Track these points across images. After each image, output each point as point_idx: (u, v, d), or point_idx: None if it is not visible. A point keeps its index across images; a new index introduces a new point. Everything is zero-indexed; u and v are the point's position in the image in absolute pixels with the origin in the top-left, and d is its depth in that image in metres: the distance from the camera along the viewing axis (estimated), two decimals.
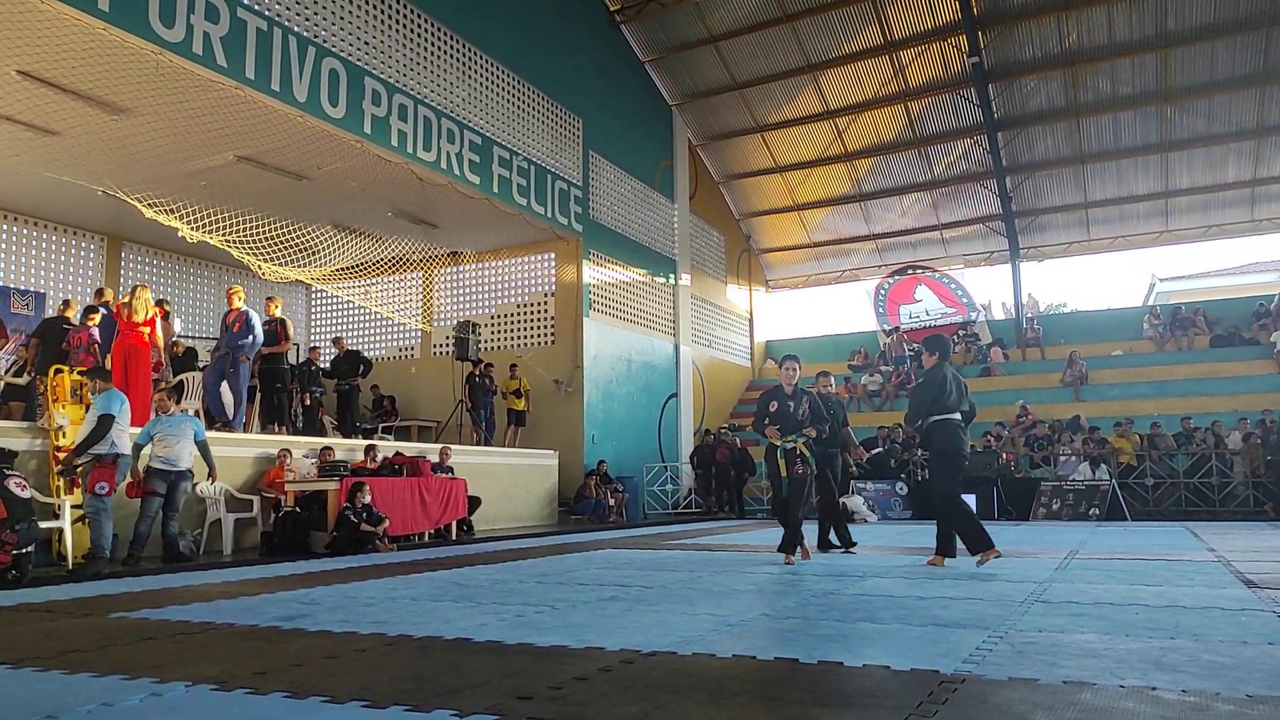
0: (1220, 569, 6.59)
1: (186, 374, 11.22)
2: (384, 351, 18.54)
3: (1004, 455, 16.37)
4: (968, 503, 6.92)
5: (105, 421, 7.18)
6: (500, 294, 17.62)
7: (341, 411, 13.65)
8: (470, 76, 13.82)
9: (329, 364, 13.95)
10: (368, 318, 18.58)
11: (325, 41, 11.12)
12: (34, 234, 14.27)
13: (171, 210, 11.10)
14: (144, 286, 9.76)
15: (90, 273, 14.99)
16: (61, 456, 7.52)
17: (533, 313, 17.18)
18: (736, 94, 20.34)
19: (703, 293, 21.58)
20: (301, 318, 19.24)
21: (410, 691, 2.90)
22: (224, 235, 11.63)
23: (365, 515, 8.96)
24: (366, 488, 9.10)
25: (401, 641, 3.86)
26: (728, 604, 4.93)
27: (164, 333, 10.03)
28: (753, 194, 23.43)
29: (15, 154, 11.47)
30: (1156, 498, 15.23)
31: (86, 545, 7.29)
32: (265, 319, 11.03)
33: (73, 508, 7.45)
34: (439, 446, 12.11)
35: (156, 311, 9.75)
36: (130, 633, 4.20)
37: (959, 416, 6.83)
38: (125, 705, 2.80)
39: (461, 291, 17.96)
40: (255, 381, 11.05)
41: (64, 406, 7.89)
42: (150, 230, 13.59)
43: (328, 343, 16.60)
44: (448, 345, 16.27)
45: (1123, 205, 21.15)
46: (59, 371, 8.14)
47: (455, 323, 15.82)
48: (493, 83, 14.34)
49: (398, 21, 12.44)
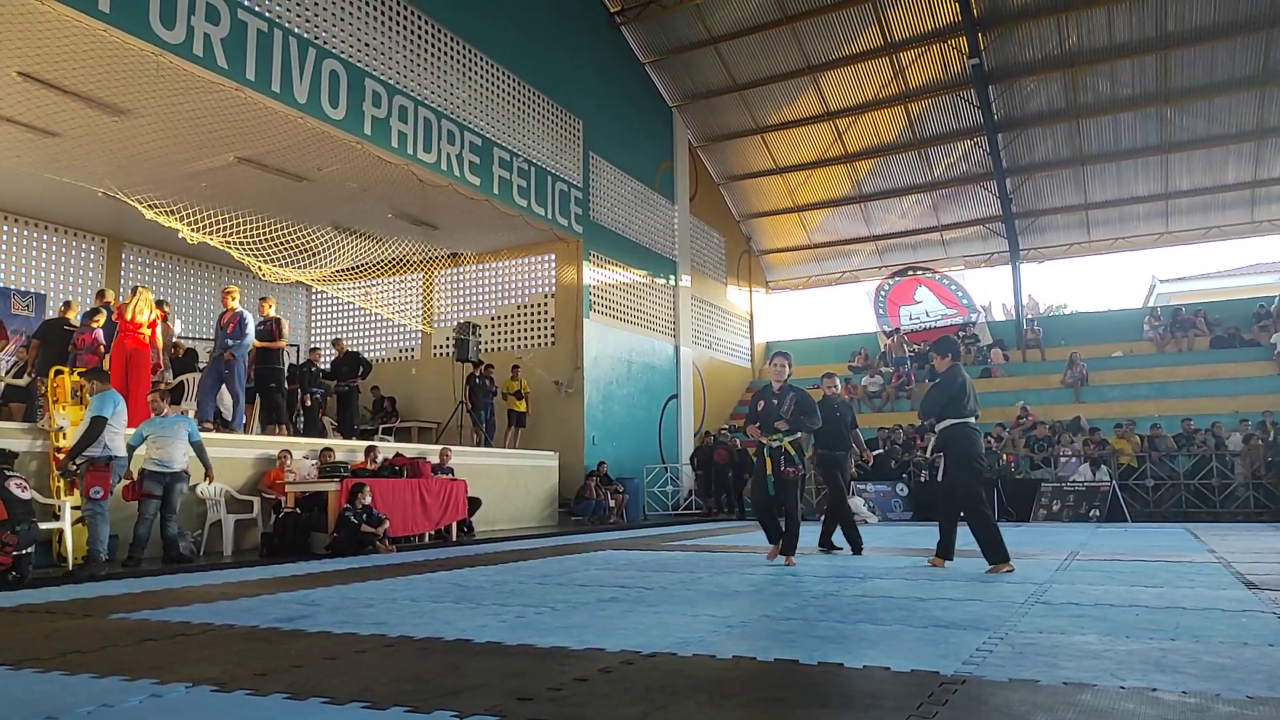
0: (1221, 570, 6.59)
1: (186, 375, 11.23)
2: (384, 353, 18.54)
3: (1004, 456, 16.37)
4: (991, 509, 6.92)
5: (97, 423, 7.16)
6: (500, 295, 17.62)
7: (341, 413, 13.67)
8: (470, 78, 13.82)
9: (329, 365, 13.97)
10: (368, 319, 18.57)
11: (325, 43, 11.13)
12: (34, 235, 14.28)
13: (172, 211, 11.10)
14: (144, 288, 9.77)
15: (90, 274, 14.99)
16: (61, 458, 7.52)
17: (533, 314, 17.18)
18: (737, 95, 20.35)
19: (703, 294, 21.58)
20: (302, 319, 19.24)
21: (411, 692, 2.90)
22: (224, 236, 11.63)
23: (366, 516, 8.97)
24: (367, 489, 9.10)
25: (402, 642, 3.86)
26: (728, 605, 4.92)
27: (163, 334, 10.03)
28: (753, 195, 23.43)
29: (16, 155, 11.49)
30: (1157, 499, 15.22)
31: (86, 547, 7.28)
32: (260, 320, 11.02)
33: (73, 509, 7.43)
34: (439, 448, 12.11)
35: (158, 313, 9.75)
36: (130, 634, 4.20)
37: (975, 420, 6.85)
38: (125, 706, 2.80)
39: (462, 293, 17.96)
40: (252, 384, 11.04)
41: (64, 407, 7.89)
42: (150, 231, 13.61)
43: (328, 344, 16.61)
44: (448, 346, 16.27)
45: (1123, 206, 21.16)
46: (59, 373, 8.14)
47: (455, 324, 15.83)
48: (493, 84, 14.35)
49: (398, 23, 12.44)
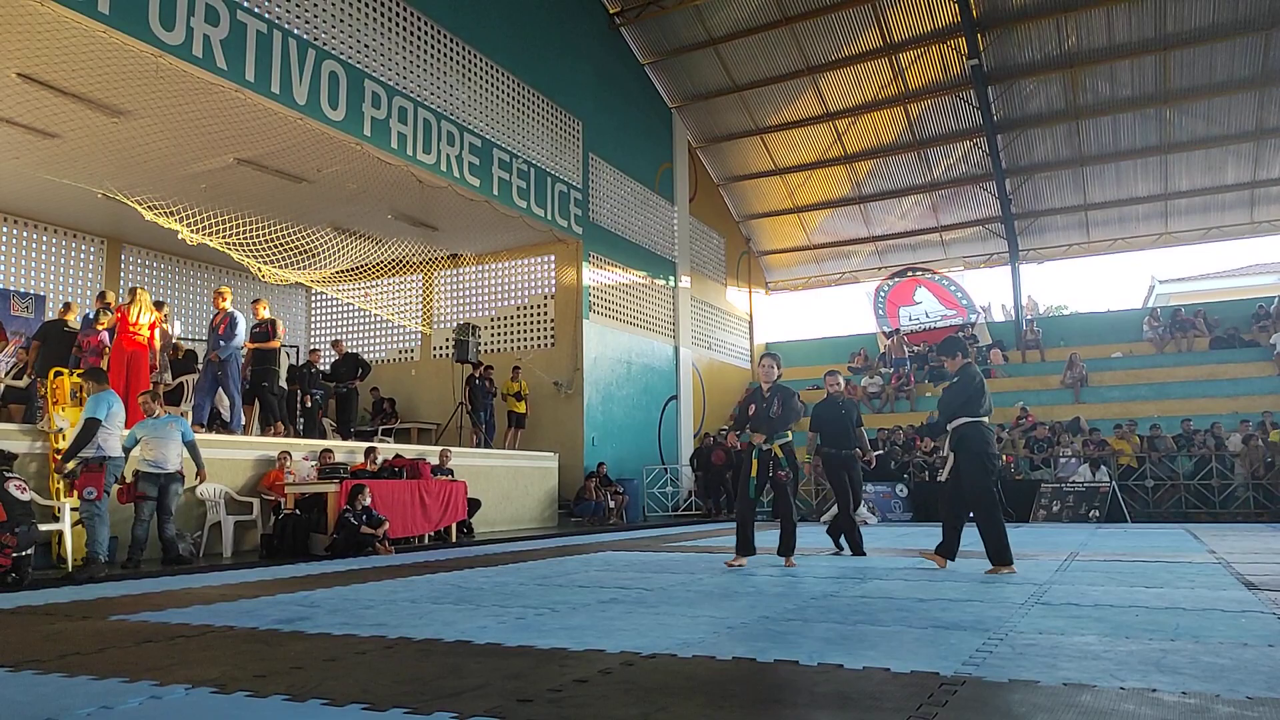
0: (1220, 571, 6.59)
1: (186, 377, 11.22)
2: (384, 354, 18.53)
3: (1004, 457, 16.37)
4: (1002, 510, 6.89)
5: (90, 425, 7.14)
6: (500, 296, 17.62)
7: (339, 414, 13.67)
8: (470, 79, 13.82)
9: (329, 367, 13.96)
10: (367, 320, 18.56)
11: (325, 44, 11.13)
12: (34, 236, 14.27)
13: (171, 213, 11.10)
14: (143, 289, 9.76)
15: (90, 275, 14.98)
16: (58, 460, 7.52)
17: (532, 315, 17.17)
18: (736, 96, 20.35)
19: (702, 295, 21.58)
20: (301, 320, 19.24)
21: (410, 694, 2.90)
22: (224, 238, 11.63)
23: (365, 518, 8.96)
24: (366, 490, 9.10)
25: (401, 644, 3.86)
26: (728, 606, 4.92)
27: (162, 335, 10.01)
28: (752, 196, 23.44)
29: (15, 156, 11.48)
30: (1156, 500, 15.22)
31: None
32: (255, 321, 11.02)
33: (72, 510, 7.44)
34: (439, 449, 12.11)
35: (157, 315, 9.74)
36: (130, 635, 4.20)
37: (988, 419, 6.86)
38: (125, 708, 2.79)
39: (461, 294, 17.96)
40: (249, 384, 11.02)
41: (64, 409, 7.89)
42: (150, 233, 13.61)
43: (327, 345, 16.60)
44: (447, 347, 16.27)
45: (1122, 207, 21.16)
46: (59, 374, 8.14)
47: (455, 325, 15.84)
48: (492, 85, 14.35)
49: (397, 24, 12.45)
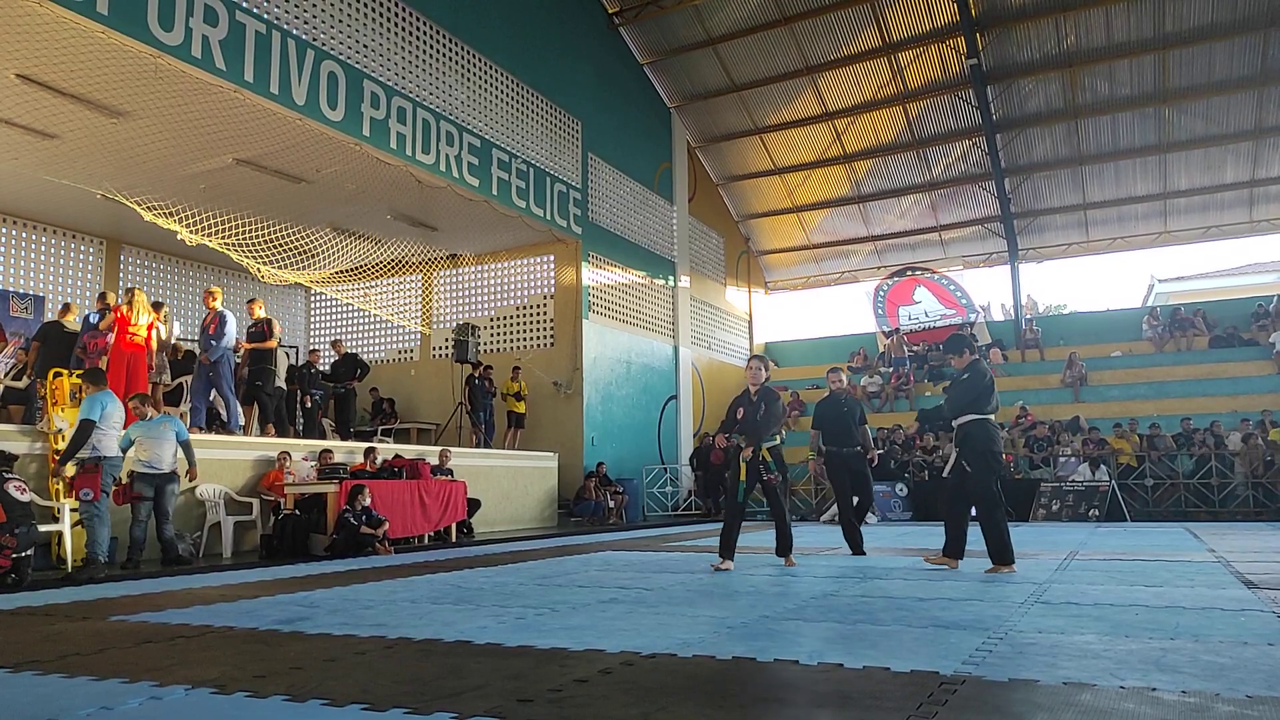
0: (1220, 570, 6.59)
1: (185, 377, 11.21)
2: (383, 354, 18.53)
3: (1004, 456, 16.36)
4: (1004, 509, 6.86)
5: (84, 427, 7.14)
6: (499, 296, 17.62)
7: (338, 414, 13.67)
8: (469, 79, 13.82)
9: (329, 367, 13.96)
10: (367, 320, 18.56)
11: (324, 44, 11.12)
12: (33, 237, 14.26)
13: (170, 213, 11.09)
14: (139, 290, 9.74)
15: (89, 276, 14.97)
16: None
17: (532, 315, 17.17)
18: (735, 96, 20.35)
19: (702, 295, 21.59)
20: (301, 321, 19.23)
21: (410, 694, 2.90)
22: (223, 238, 11.62)
23: (365, 518, 8.96)
24: (366, 490, 9.10)
25: (401, 644, 3.86)
26: (728, 606, 4.92)
27: (158, 336, 9.98)
28: (752, 196, 23.44)
29: (14, 157, 11.48)
30: (1156, 498, 15.23)
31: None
32: (250, 321, 11.01)
33: (72, 511, 7.44)
34: (439, 449, 12.11)
35: (155, 315, 9.73)
36: (130, 636, 4.20)
37: (994, 416, 6.86)
38: (125, 709, 2.79)
39: (461, 294, 17.95)
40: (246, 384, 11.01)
41: (63, 410, 7.89)
42: (149, 233, 13.60)
43: (327, 346, 16.61)
44: (447, 348, 16.27)
45: (1121, 206, 21.16)
46: (58, 375, 8.14)
47: (454, 325, 15.84)
48: (492, 85, 14.35)
49: (396, 24, 12.44)
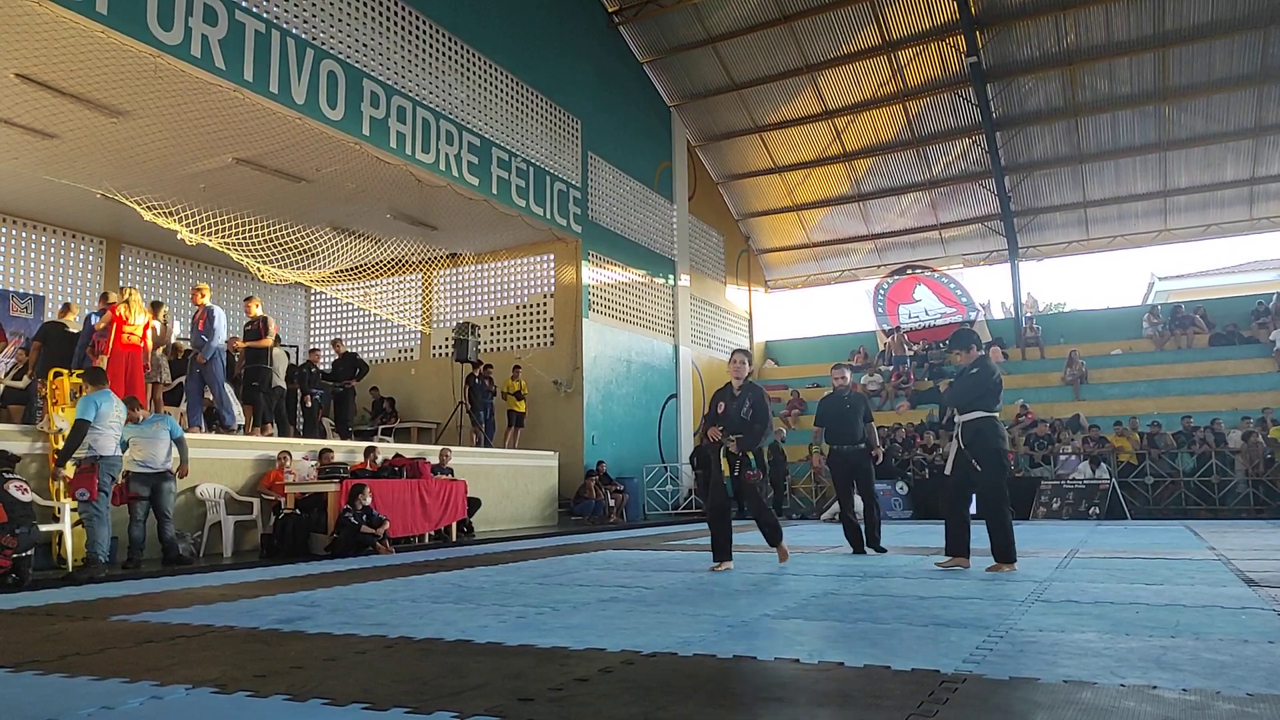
0: (1220, 567, 6.59)
1: (185, 377, 11.19)
2: (383, 353, 18.54)
3: (1008, 454, 16.36)
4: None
5: (78, 427, 7.13)
6: (499, 295, 17.62)
7: (336, 413, 13.67)
8: (469, 78, 13.82)
9: (330, 366, 13.96)
10: (367, 320, 18.56)
11: (324, 43, 11.12)
12: (33, 237, 14.26)
13: (170, 213, 11.10)
14: (134, 289, 9.72)
15: (90, 275, 14.98)
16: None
17: (532, 314, 17.18)
18: (735, 95, 20.34)
19: (702, 293, 21.59)
20: (301, 320, 19.23)
21: (411, 693, 2.90)
22: (223, 237, 11.63)
23: (366, 517, 8.96)
24: (367, 490, 9.10)
25: (402, 643, 3.86)
26: (728, 605, 4.92)
27: (153, 335, 9.95)
28: (751, 194, 23.43)
29: (14, 157, 11.48)
30: (1156, 496, 15.23)
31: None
32: (247, 320, 11.01)
33: (72, 511, 7.44)
34: (439, 448, 12.11)
35: (150, 315, 9.73)
36: (130, 636, 4.20)
37: (999, 414, 6.85)
38: (125, 708, 2.79)
39: (461, 293, 17.96)
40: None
41: (63, 409, 7.89)
42: (149, 233, 13.60)
43: (327, 345, 16.61)
44: (447, 347, 16.27)
45: (1121, 204, 21.15)
46: (58, 374, 8.14)
47: (455, 324, 15.84)
48: (491, 84, 14.34)
49: (396, 23, 12.44)
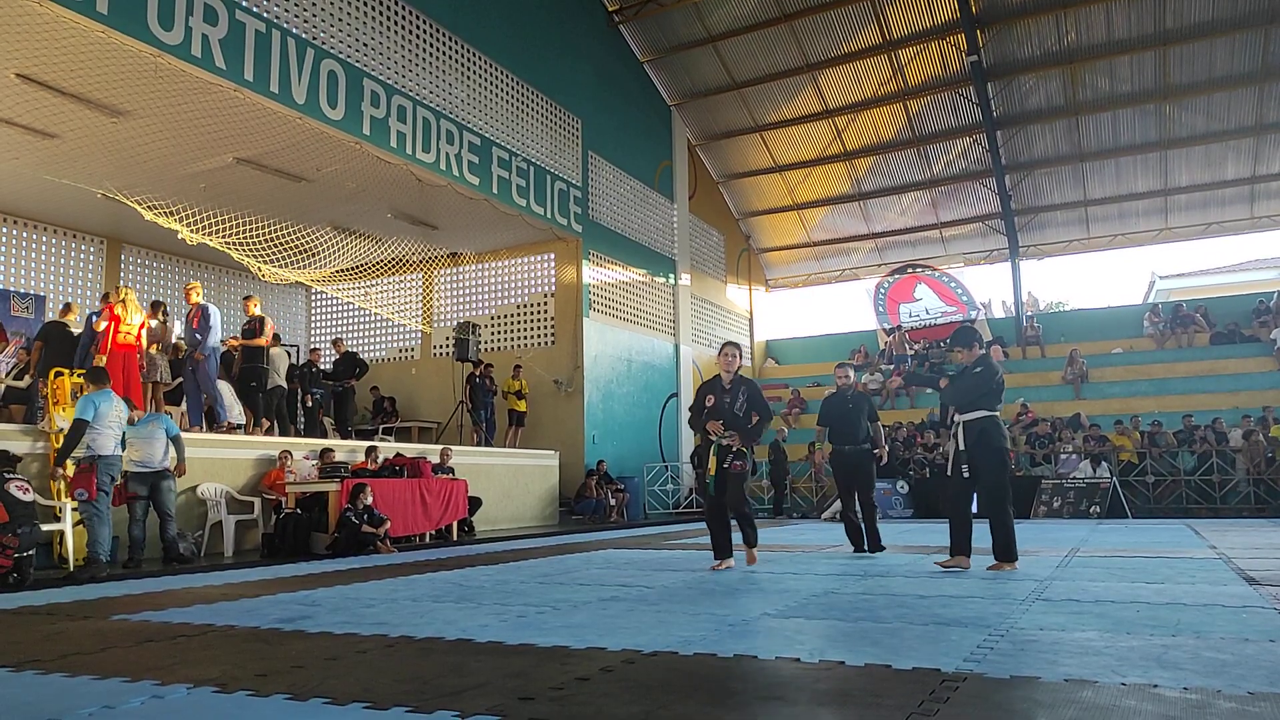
0: (1221, 566, 6.59)
1: (183, 377, 11.19)
2: (384, 353, 18.54)
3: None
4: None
5: (76, 427, 7.14)
6: (500, 295, 17.62)
7: (336, 413, 13.67)
8: (469, 77, 13.82)
9: (330, 365, 13.96)
10: (368, 319, 18.57)
11: (324, 43, 11.12)
12: (33, 237, 14.27)
13: (171, 212, 11.10)
14: (130, 289, 9.70)
15: (90, 275, 14.99)
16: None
17: (532, 313, 17.18)
18: (735, 94, 20.34)
19: (702, 292, 21.59)
20: (301, 320, 19.24)
21: (412, 693, 2.90)
22: (223, 237, 11.63)
23: (366, 517, 8.97)
24: (368, 489, 9.10)
25: (403, 643, 3.86)
26: (729, 604, 4.92)
27: (149, 335, 9.95)
28: (752, 194, 23.43)
29: (14, 157, 11.49)
30: (1157, 495, 15.23)
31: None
32: (245, 319, 11.02)
33: (73, 511, 7.45)
34: (440, 447, 12.11)
35: (146, 314, 9.73)
36: (131, 635, 4.20)
37: (1000, 413, 6.84)
38: (126, 708, 2.79)
39: (461, 292, 17.96)
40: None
41: (64, 409, 7.89)
42: (150, 233, 13.61)
43: (328, 344, 16.61)
44: (448, 346, 16.27)
45: (1122, 203, 21.15)
46: (59, 374, 8.14)
47: (455, 324, 15.84)
48: (492, 84, 14.34)
49: (396, 23, 12.44)
